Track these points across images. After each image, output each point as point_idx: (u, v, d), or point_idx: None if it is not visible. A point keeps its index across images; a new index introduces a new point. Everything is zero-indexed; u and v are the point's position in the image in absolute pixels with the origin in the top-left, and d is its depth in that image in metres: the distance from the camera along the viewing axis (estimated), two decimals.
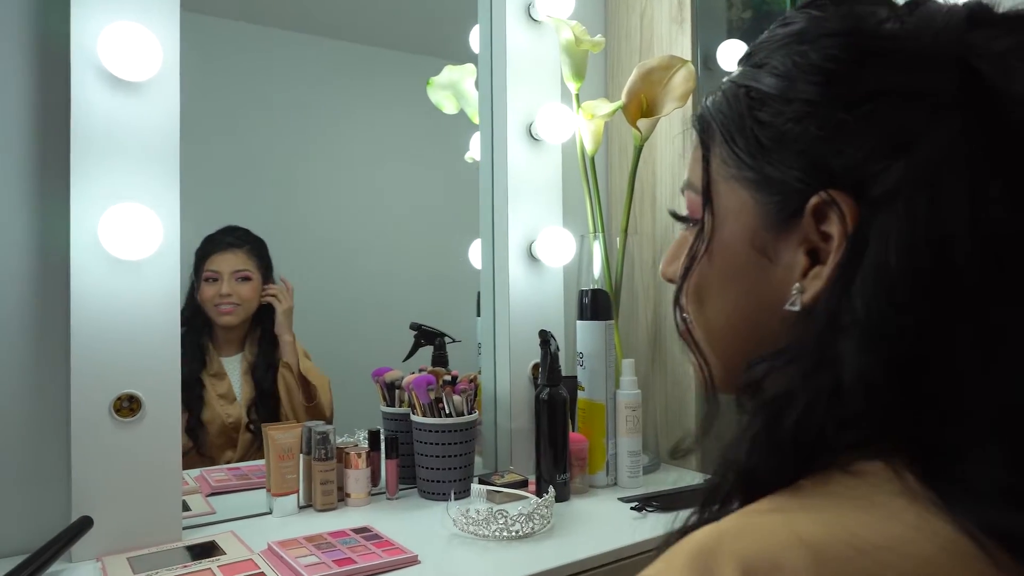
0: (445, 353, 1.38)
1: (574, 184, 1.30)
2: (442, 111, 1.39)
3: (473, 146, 1.38)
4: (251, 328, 1.46)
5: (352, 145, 1.40)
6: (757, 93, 0.41)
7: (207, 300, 1.29)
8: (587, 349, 1.17)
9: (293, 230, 1.39)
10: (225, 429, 1.35)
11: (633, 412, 1.17)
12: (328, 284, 1.42)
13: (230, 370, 1.44)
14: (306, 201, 1.39)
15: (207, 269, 1.30)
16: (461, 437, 1.09)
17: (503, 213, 1.22)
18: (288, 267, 1.37)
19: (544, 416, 1.09)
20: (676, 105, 1.10)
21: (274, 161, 1.35)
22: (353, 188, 1.43)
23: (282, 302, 1.36)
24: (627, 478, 1.17)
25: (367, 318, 1.44)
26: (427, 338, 1.40)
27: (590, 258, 1.26)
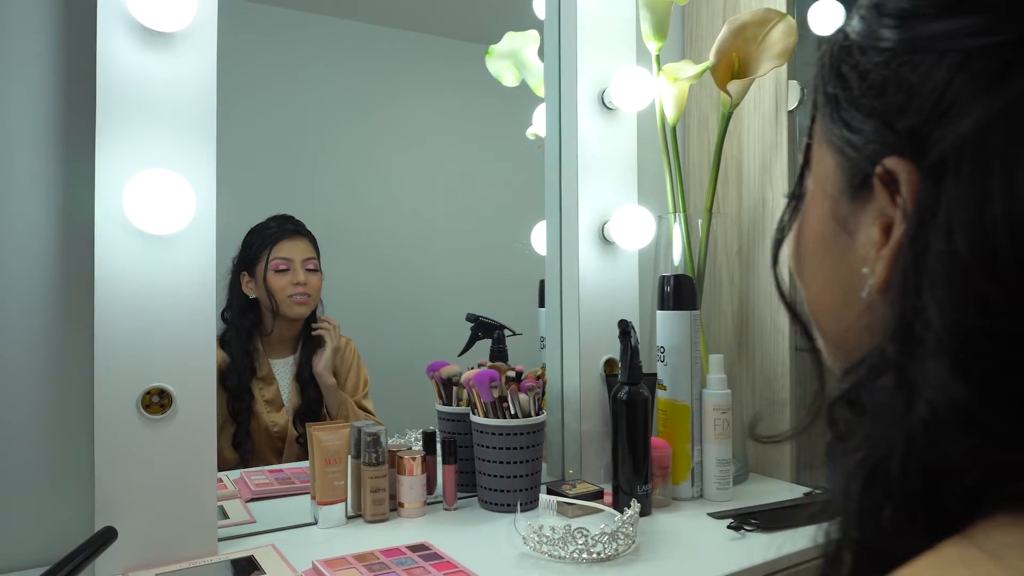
0: (505, 347, 1.25)
1: (649, 159, 1.17)
2: (502, 83, 1.27)
3: (536, 120, 1.25)
4: (304, 329, 1.38)
5: (402, 130, 1.29)
6: (846, 40, 0.36)
7: (279, 290, 1.21)
8: (669, 343, 1.03)
9: (341, 219, 1.29)
10: (271, 439, 1.27)
11: (723, 415, 1.02)
12: (379, 275, 1.32)
13: (279, 374, 1.36)
14: (354, 190, 1.28)
15: (276, 257, 1.22)
16: (528, 441, 0.97)
17: (572, 192, 1.09)
18: (337, 257, 1.27)
19: (623, 418, 0.95)
20: (775, 64, 0.95)
21: (317, 148, 1.26)
22: (403, 174, 1.32)
23: (332, 339, 1.28)
24: (715, 490, 1.02)
25: (420, 310, 1.33)
26: (485, 331, 1.28)
27: (668, 241, 1.13)
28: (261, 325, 1.23)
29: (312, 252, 1.29)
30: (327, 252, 1.25)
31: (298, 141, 1.24)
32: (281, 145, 1.23)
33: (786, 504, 0.99)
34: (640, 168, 1.13)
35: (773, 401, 1.13)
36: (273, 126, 1.22)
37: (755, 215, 1.15)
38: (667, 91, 1.04)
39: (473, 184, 1.36)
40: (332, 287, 1.27)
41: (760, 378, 1.15)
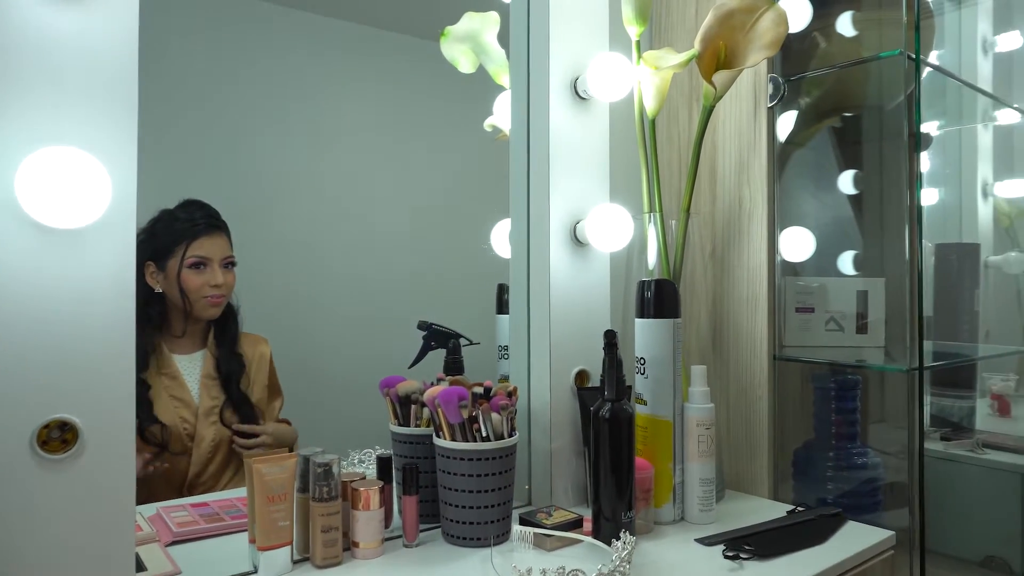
0: (461, 358, 1.14)
1: (620, 154, 1.09)
2: (457, 69, 1.16)
3: (497, 110, 1.15)
4: (213, 322, 1.24)
5: (344, 122, 1.16)
6: None
7: (194, 290, 1.09)
8: (650, 353, 0.95)
9: (269, 214, 1.14)
10: (180, 439, 1.14)
11: (707, 431, 0.95)
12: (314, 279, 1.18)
13: (187, 371, 1.21)
14: (286, 183, 1.14)
15: (195, 255, 1.09)
16: (501, 466, 0.86)
17: (542, 189, 0.99)
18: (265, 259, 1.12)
19: (605, 438, 0.86)
20: (764, 54, 0.89)
21: (247, 139, 1.11)
22: (344, 168, 1.18)
23: (246, 444, 1.17)
24: (698, 512, 0.95)
25: (362, 316, 1.20)
26: (439, 340, 1.16)
27: (643, 243, 1.05)
28: (167, 324, 1.11)
29: (230, 248, 1.17)
30: (253, 253, 1.11)
31: (225, 130, 1.09)
32: (205, 132, 1.08)
33: (776, 525, 0.93)
34: (611, 164, 1.05)
35: (750, 413, 1.07)
36: (197, 110, 1.07)
37: (730, 216, 1.09)
38: (647, 80, 0.96)
39: (425, 180, 1.24)
40: (259, 291, 1.12)
41: (735, 388, 1.09)
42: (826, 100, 1.22)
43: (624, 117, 1.09)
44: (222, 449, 1.25)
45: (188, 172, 1.09)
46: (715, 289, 1.11)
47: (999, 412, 1.76)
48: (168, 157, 1.04)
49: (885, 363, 1.22)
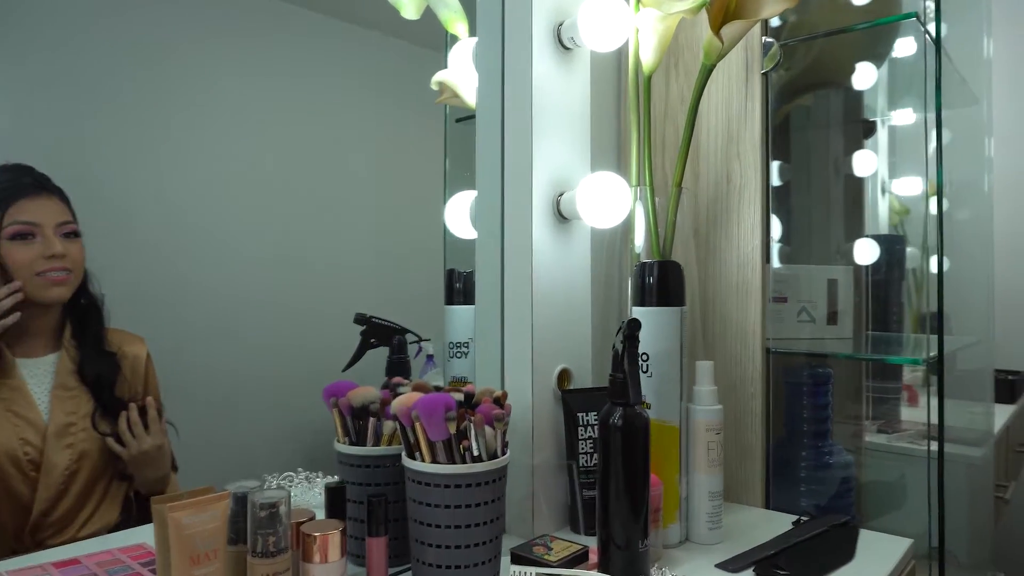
0: (406, 357, 0.95)
1: (602, 116, 0.94)
2: (401, 13, 0.97)
3: (453, 63, 0.97)
4: (66, 315, 0.99)
5: (261, 90, 0.94)
6: None
7: (23, 265, 0.85)
8: (654, 348, 0.80)
9: (170, 195, 0.90)
10: (20, 468, 0.90)
11: (716, 436, 0.82)
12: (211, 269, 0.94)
13: (32, 380, 0.97)
14: (182, 165, 0.90)
15: (16, 221, 0.85)
16: (494, 492, 0.69)
17: (523, 155, 0.82)
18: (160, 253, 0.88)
19: (618, 451, 0.71)
20: (783, 5, 0.77)
21: (144, 115, 0.87)
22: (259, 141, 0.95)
23: (131, 444, 0.97)
24: (707, 531, 0.82)
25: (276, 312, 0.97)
26: (380, 336, 0.96)
27: (629, 220, 0.91)
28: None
29: (67, 214, 0.96)
30: (151, 249, 0.86)
31: (126, 106, 0.84)
32: (103, 109, 0.83)
33: (796, 540, 0.81)
34: (593, 127, 0.90)
35: (741, 412, 0.96)
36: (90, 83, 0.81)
37: (717, 192, 0.98)
38: (648, 28, 0.82)
39: (357, 152, 1.04)
40: (135, 282, 0.87)
41: (724, 384, 0.97)
42: (803, 76, 1.14)
43: (600, 73, 0.95)
44: (80, 477, 0.98)
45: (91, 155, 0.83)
46: (700, 273, 0.99)
47: (909, 402, 1.80)
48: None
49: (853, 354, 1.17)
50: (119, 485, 1.03)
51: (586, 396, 0.85)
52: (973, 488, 1.43)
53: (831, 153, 1.45)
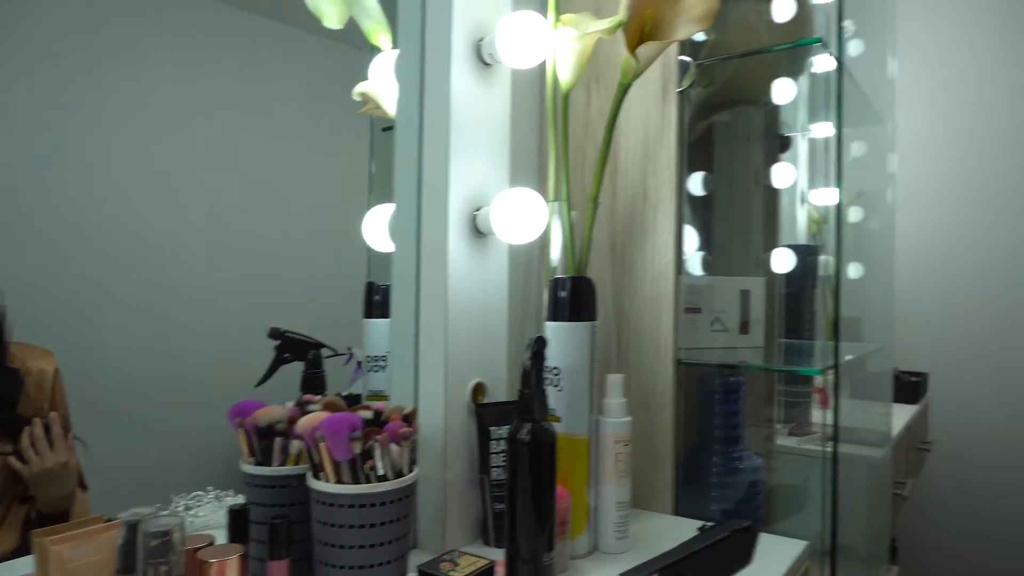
0: (322, 372, 0.94)
1: (520, 131, 0.95)
2: (323, 22, 0.95)
3: (373, 75, 0.96)
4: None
5: (173, 97, 0.90)
6: None
7: None
8: (565, 362, 0.82)
9: (67, 210, 0.86)
10: None
11: (624, 447, 0.84)
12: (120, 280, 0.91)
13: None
14: (88, 171, 0.86)
15: None
16: (400, 511, 0.69)
17: (440, 169, 0.82)
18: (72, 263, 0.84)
19: (525, 466, 0.72)
20: (696, 28, 0.80)
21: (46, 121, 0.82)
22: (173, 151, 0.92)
23: (33, 462, 0.91)
24: (614, 540, 0.84)
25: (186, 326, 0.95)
26: (296, 351, 0.95)
27: (546, 235, 0.92)
28: None
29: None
30: (67, 246, 0.82)
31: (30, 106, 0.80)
32: None
33: (700, 547, 0.84)
34: (514, 143, 0.91)
35: (652, 422, 0.99)
36: None
37: (634, 207, 1.00)
38: (565, 47, 0.83)
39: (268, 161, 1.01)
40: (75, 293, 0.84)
41: (637, 394, 1.00)
42: (719, 94, 1.18)
43: (523, 89, 0.95)
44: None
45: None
46: (615, 287, 1.02)
47: (821, 404, 1.89)
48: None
49: (765, 363, 1.21)
50: (19, 508, 0.98)
51: (500, 410, 0.86)
52: (873, 487, 1.51)
53: (751, 165, 1.50)
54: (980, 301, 2.67)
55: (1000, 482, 2.61)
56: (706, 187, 1.33)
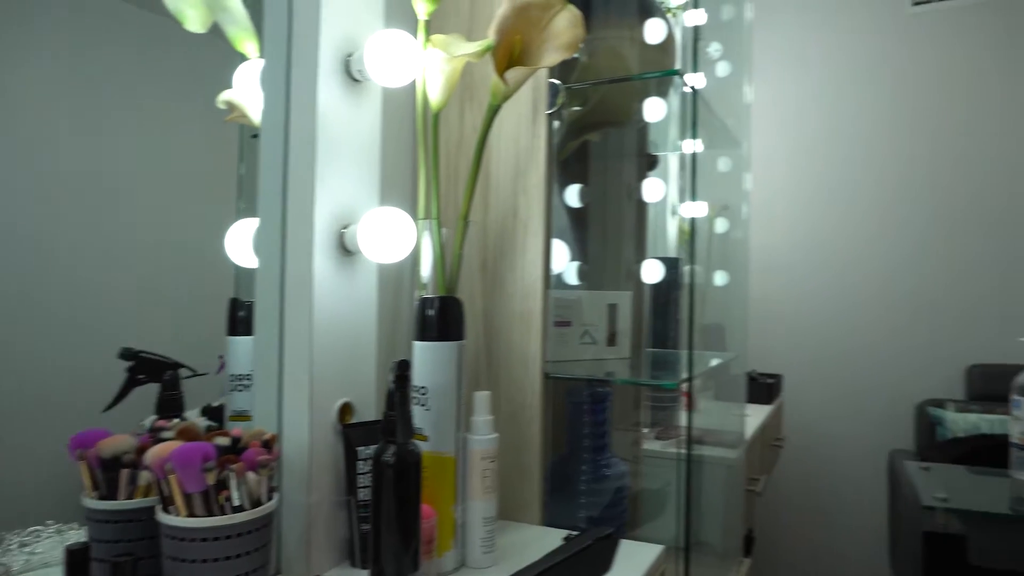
0: (180, 394, 0.90)
1: (391, 150, 0.95)
2: (184, 26, 0.90)
3: (238, 83, 0.92)
4: None
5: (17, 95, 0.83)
6: None
7: None
8: (432, 381, 0.83)
9: None
10: None
11: (491, 464, 0.86)
12: None
13: None
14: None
15: None
16: (258, 541, 0.67)
17: (305, 185, 0.81)
18: None
19: (390, 488, 0.72)
20: (561, 55, 0.83)
21: None
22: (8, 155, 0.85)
23: None
24: (481, 554, 0.86)
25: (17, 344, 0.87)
26: (150, 372, 0.89)
27: (416, 253, 0.92)
28: None
29: None
30: None
31: None
32: None
33: (562, 557, 0.87)
34: (386, 161, 0.90)
35: (521, 436, 1.02)
36: None
37: (504, 226, 1.02)
38: (435, 68, 0.83)
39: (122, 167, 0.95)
40: None
41: (506, 410, 1.02)
42: (589, 115, 1.23)
43: (396, 107, 0.95)
44: None
45: None
46: (486, 305, 1.03)
47: (687, 407, 2.00)
48: None
49: (631, 373, 1.27)
50: None
51: (367, 429, 0.85)
52: (729, 485, 1.62)
53: (623, 180, 1.56)
54: (826, 307, 2.93)
55: (845, 473, 2.88)
56: (582, 200, 1.38)
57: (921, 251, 2.79)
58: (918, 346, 2.77)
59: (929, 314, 2.76)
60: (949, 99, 2.76)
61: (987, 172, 2.70)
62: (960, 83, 2.74)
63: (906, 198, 2.82)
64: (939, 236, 2.76)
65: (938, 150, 2.77)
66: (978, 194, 2.71)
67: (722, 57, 2.01)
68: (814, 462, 2.88)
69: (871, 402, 2.82)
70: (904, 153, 2.82)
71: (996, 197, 2.68)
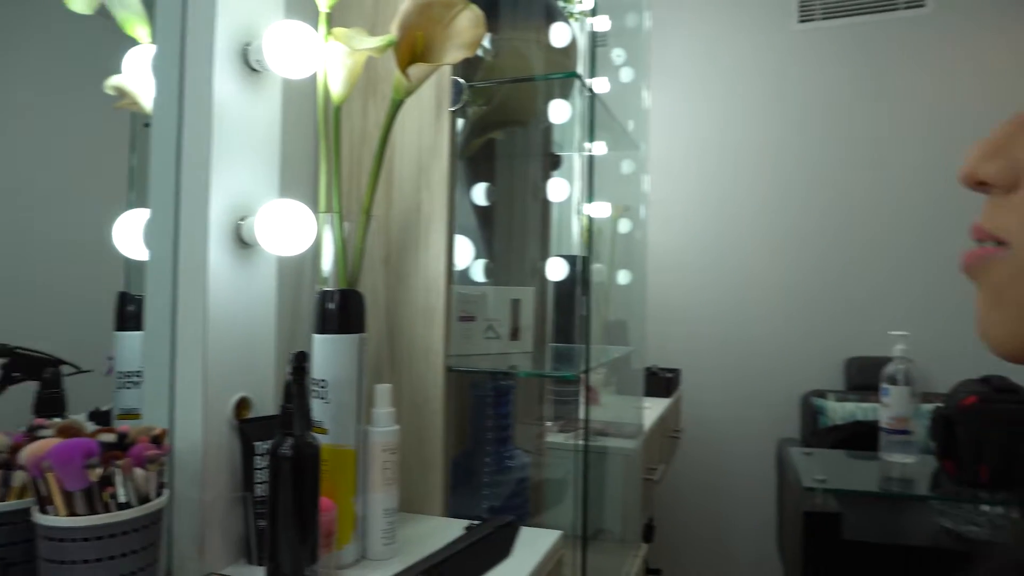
0: (61, 392, 0.86)
1: (291, 142, 0.94)
2: (69, 6, 0.86)
3: (128, 69, 0.89)
4: None
5: None
6: None
7: None
8: (333, 374, 0.82)
9: None
10: None
11: (392, 456, 0.87)
12: None
13: None
14: None
15: None
16: (145, 539, 0.65)
17: (200, 176, 0.79)
18: None
19: (287, 481, 0.71)
20: (463, 54, 0.84)
21: None
22: None
23: None
24: (381, 546, 0.86)
25: None
26: (28, 368, 0.85)
27: (317, 247, 0.91)
28: None
29: None
30: None
31: None
32: None
33: (463, 546, 0.89)
34: (288, 153, 0.89)
35: (424, 428, 1.03)
36: None
37: (407, 221, 1.03)
38: (338, 61, 0.83)
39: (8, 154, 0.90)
40: None
41: (408, 403, 1.03)
42: (493, 113, 1.25)
43: (298, 99, 0.94)
44: None
45: None
46: (388, 298, 1.04)
47: (592, 402, 2.06)
48: None
49: (533, 367, 1.31)
50: None
51: (265, 424, 0.84)
52: (628, 474, 1.68)
53: (529, 179, 1.60)
54: (719, 305, 3.09)
55: (738, 461, 3.04)
56: (489, 198, 1.41)
57: (804, 252, 2.99)
58: (803, 342, 2.97)
59: (812, 311, 2.96)
60: (830, 109, 2.97)
61: (863, 177, 2.92)
62: (840, 94, 2.96)
63: (790, 202, 3.01)
64: (820, 238, 2.97)
65: (819, 156, 2.98)
66: (856, 199, 2.93)
67: (625, 63, 2.08)
68: (710, 452, 3.03)
69: (761, 394, 3.00)
70: (789, 159, 3.02)
71: (871, 202, 2.91)
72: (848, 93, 2.95)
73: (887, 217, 2.88)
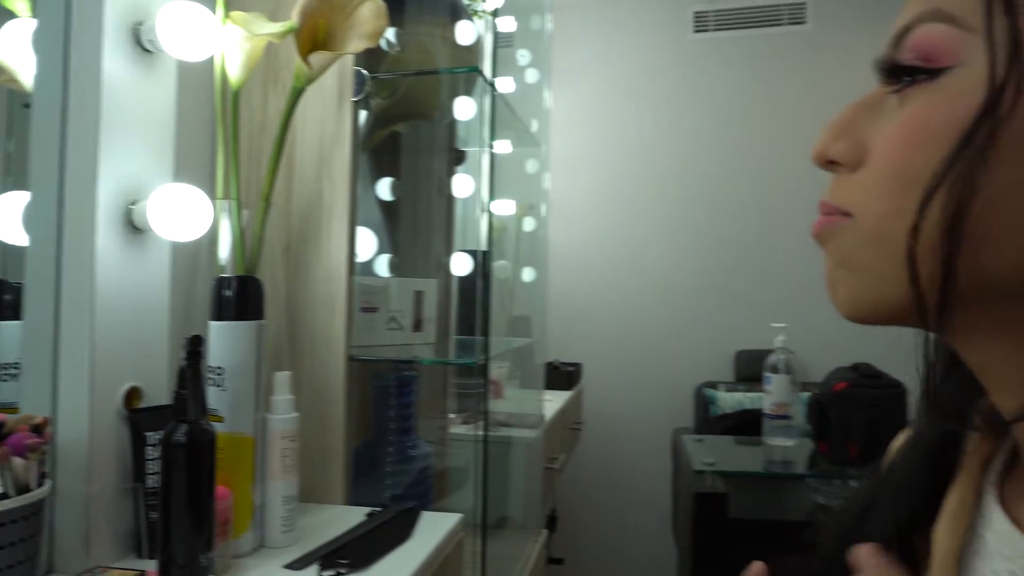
0: None
1: (187, 127, 0.92)
2: None
3: (9, 41, 0.84)
4: None
5: None
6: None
7: None
8: (229, 361, 0.82)
9: None
10: None
11: (291, 443, 0.87)
12: None
13: None
14: None
15: None
16: (26, 530, 0.63)
17: (87, 158, 0.76)
18: None
19: (182, 468, 0.70)
20: (364, 44, 0.85)
21: None
22: None
23: None
24: (280, 534, 0.86)
25: None
26: None
27: (214, 234, 0.90)
28: None
29: None
30: None
31: None
32: None
33: (363, 531, 0.90)
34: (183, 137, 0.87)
35: (325, 417, 1.03)
36: None
37: (309, 210, 1.03)
38: (236, 45, 0.82)
39: None
40: None
41: (309, 391, 1.03)
42: (397, 106, 1.26)
43: (195, 82, 0.92)
44: None
45: None
46: (289, 287, 1.03)
47: (495, 394, 2.11)
48: None
49: (436, 357, 1.33)
50: None
51: (158, 414, 0.82)
52: (529, 464, 1.73)
53: (434, 175, 1.61)
54: (617, 301, 3.21)
55: (636, 451, 3.17)
56: (394, 193, 1.41)
57: (696, 251, 3.15)
58: (696, 336, 3.13)
59: (704, 308, 3.13)
60: (721, 115, 3.15)
61: (752, 181, 3.12)
62: (731, 101, 3.14)
63: (684, 202, 3.17)
64: (709, 237, 3.14)
65: (710, 160, 3.16)
66: (743, 201, 3.12)
67: (530, 64, 2.13)
68: (609, 442, 3.15)
69: (658, 387, 3.14)
70: (681, 161, 3.18)
71: (758, 203, 3.11)
72: (737, 100, 3.13)
73: (771, 216, 3.08)
